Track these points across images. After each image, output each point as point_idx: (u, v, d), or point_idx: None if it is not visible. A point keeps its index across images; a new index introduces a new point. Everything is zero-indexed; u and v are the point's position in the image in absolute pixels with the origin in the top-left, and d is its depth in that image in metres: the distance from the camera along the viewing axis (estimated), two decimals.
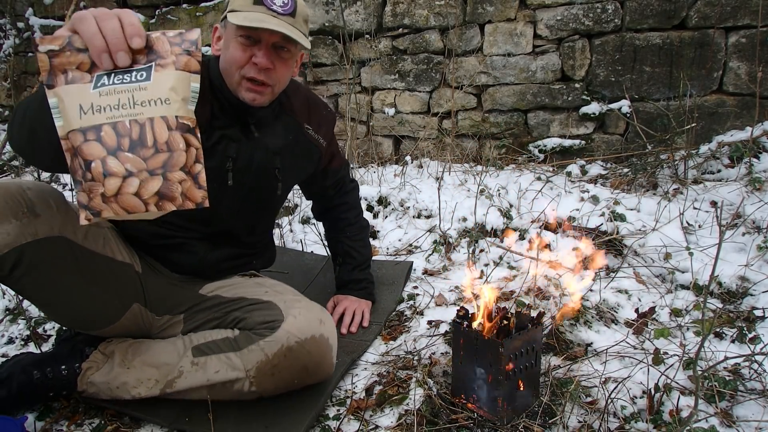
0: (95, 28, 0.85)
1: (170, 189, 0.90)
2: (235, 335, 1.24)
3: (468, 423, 1.20)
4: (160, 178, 0.90)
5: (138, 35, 0.87)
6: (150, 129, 0.88)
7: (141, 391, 1.24)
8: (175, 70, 0.90)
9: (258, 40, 1.22)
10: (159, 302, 1.36)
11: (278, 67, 1.26)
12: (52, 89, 0.87)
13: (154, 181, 0.89)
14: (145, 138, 0.88)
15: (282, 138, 1.42)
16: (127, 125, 0.87)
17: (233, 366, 1.20)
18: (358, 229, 1.78)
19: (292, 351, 1.19)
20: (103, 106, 0.87)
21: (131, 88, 0.88)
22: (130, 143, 0.87)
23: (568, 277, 1.77)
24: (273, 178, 1.42)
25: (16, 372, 1.25)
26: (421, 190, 2.56)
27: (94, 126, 0.87)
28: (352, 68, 3.33)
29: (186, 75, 0.91)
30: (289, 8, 1.23)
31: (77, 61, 0.88)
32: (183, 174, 0.91)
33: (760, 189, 2.10)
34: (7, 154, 3.38)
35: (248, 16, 1.19)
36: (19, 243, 1.05)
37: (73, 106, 0.87)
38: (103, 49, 0.85)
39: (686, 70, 2.73)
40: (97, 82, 0.88)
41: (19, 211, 1.05)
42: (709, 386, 1.22)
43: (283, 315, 1.22)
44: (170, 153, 0.90)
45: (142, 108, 0.88)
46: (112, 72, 0.88)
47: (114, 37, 0.85)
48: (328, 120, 1.59)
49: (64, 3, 3.91)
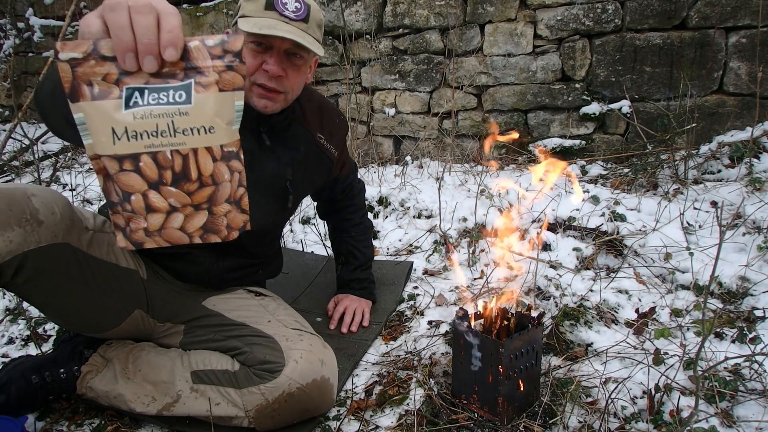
0: (126, 21, 0.72)
1: (215, 223, 0.86)
2: (235, 369, 1.20)
3: (468, 423, 1.20)
4: (206, 212, 0.84)
5: (173, 46, 0.74)
6: (194, 161, 0.80)
7: (136, 406, 1.23)
8: (219, 92, 0.80)
9: (269, 47, 1.19)
10: (162, 309, 1.35)
11: (290, 74, 1.23)
12: (77, 103, 0.75)
13: (199, 216, 0.84)
14: (188, 171, 0.80)
15: (294, 149, 1.39)
16: (168, 156, 0.78)
17: (233, 402, 1.17)
18: (362, 230, 1.77)
19: (293, 397, 1.16)
20: (140, 132, 0.77)
21: (170, 112, 0.77)
22: (173, 177, 0.80)
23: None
24: (284, 191, 1.38)
25: (15, 377, 1.24)
26: (422, 190, 2.56)
27: (131, 155, 0.77)
28: (353, 68, 3.33)
29: (230, 95, 0.81)
30: (302, 14, 1.19)
31: (103, 71, 0.76)
32: (228, 205, 0.86)
33: (760, 189, 2.10)
34: (7, 154, 3.38)
35: (259, 23, 1.15)
36: (23, 250, 1.03)
37: (104, 128, 0.76)
38: (130, 48, 0.73)
39: (686, 70, 2.73)
40: (128, 101, 0.76)
41: (22, 218, 1.04)
42: (709, 386, 1.22)
43: (284, 358, 1.17)
44: (215, 186, 0.83)
45: (184, 137, 0.78)
46: (144, 87, 0.77)
47: (145, 37, 0.73)
48: (340, 129, 1.56)
49: (64, 3, 3.92)
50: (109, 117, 0.76)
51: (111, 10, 0.73)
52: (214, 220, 0.85)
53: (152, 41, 0.73)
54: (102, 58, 0.75)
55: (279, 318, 1.32)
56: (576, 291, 1.73)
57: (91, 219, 1.24)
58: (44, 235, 1.07)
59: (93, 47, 0.75)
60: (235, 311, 1.34)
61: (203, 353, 1.26)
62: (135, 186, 0.79)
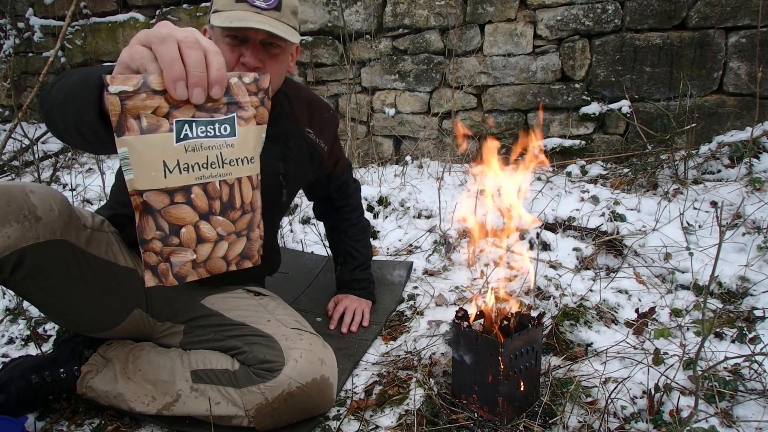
0: (177, 53, 0.75)
1: (251, 248, 0.90)
2: (235, 369, 1.20)
3: (468, 423, 1.20)
4: (245, 239, 0.89)
5: (220, 84, 0.78)
6: (238, 190, 0.85)
7: (136, 406, 1.22)
8: (257, 125, 0.86)
9: (245, 39, 1.18)
10: (161, 308, 1.35)
11: (269, 64, 1.22)
12: (122, 137, 0.75)
13: (240, 243, 0.88)
14: (234, 200, 0.85)
15: (283, 143, 1.40)
16: (217, 186, 0.82)
17: (233, 402, 1.17)
18: (359, 230, 1.78)
19: (293, 396, 1.16)
20: (191, 164, 0.79)
21: (218, 144, 0.81)
22: (221, 206, 0.83)
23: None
24: (277, 184, 1.39)
25: (14, 377, 1.24)
26: (422, 190, 2.56)
27: (183, 187, 0.79)
28: (353, 68, 3.33)
29: (262, 128, 0.88)
30: (273, 2, 1.17)
31: (153, 105, 0.76)
32: (259, 231, 0.92)
33: (760, 189, 2.10)
34: (7, 154, 3.38)
35: (230, 16, 1.15)
36: (21, 246, 1.04)
37: (155, 162, 0.76)
38: (181, 78, 0.75)
39: (686, 70, 2.73)
40: (179, 133, 0.78)
41: (21, 214, 1.04)
42: (709, 386, 1.22)
43: (284, 357, 1.17)
44: (253, 212, 0.89)
45: (230, 168, 0.83)
46: (192, 120, 0.79)
47: (197, 70, 0.76)
48: (330, 123, 1.56)
49: (64, 3, 3.92)
50: (160, 150, 0.77)
51: (161, 42, 0.75)
52: (250, 245, 0.90)
53: (203, 74, 0.76)
54: (153, 91, 0.75)
55: (278, 317, 1.32)
56: (576, 291, 1.73)
57: (90, 218, 1.24)
58: (42, 231, 1.07)
59: (143, 81, 0.75)
60: (235, 311, 1.34)
61: (203, 353, 1.27)
62: (186, 218, 0.81)
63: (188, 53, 0.75)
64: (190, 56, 0.75)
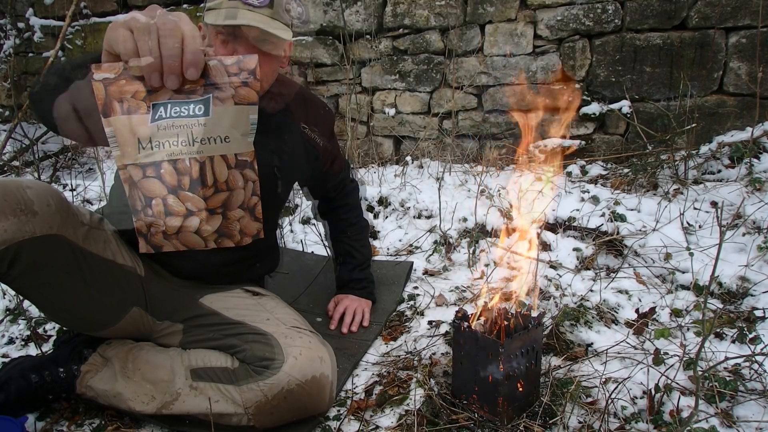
0: (155, 44, 0.82)
1: (229, 228, 0.93)
2: (234, 367, 1.20)
3: (468, 423, 1.20)
4: (220, 217, 0.91)
5: (195, 66, 0.84)
6: (210, 168, 0.88)
7: (135, 405, 1.22)
8: (234, 105, 0.88)
9: (238, 36, 1.19)
10: (160, 307, 1.35)
11: (261, 61, 1.22)
12: (108, 118, 0.85)
13: (214, 220, 0.91)
14: (205, 177, 0.88)
15: (278, 138, 1.40)
16: (187, 164, 0.87)
17: (232, 399, 1.17)
18: (358, 229, 1.78)
19: (292, 393, 1.16)
20: (162, 141, 0.86)
21: (190, 123, 0.86)
22: (191, 182, 0.87)
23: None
24: (272, 176, 1.39)
25: (14, 376, 1.24)
26: (422, 190, 2.56)
27: (154, 162, 0.86)
28: (353, 68, 3.33)
29: (245, 108, 0.90)
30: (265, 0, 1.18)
31: (133, 89, 0.85)
32: (241, 211, 0.93)
33: (760, 189, 2.10)
34: (7, 154, 3.38)
35: (223, 13, 1.16)
36: (17, 240, 1.04)
37: (131, 139, 0.86)
38: (156, 69, 0.83)
39: (686, 70, 2.73)
40: (154, 114, 0.85)
41: (17, 208, 1.04)
42: (709, 386, 1.22)
43: (283, 355, 1.17)
44: (230, 192, 0.91)
45: (201, 146, 0.87)
46: (168, 102, 0.86)
47: (170, 58, 0.83)
48: (325, 119, 1.57)
49: (64, 3, 3.92)
50: (136, 129, 0.85)
51: (141, 32, 0.82)
52: (227, 224, 0.92)
53: (177, 63, 0.83)
54: (132, 78, 0.85)
55: (277, 316, 1.32)
56: (576, 291, 1.73)
57: (87, 215, 1.24)
58: (39, 226, 1.07)
59: (123, 68, 0.84)
60: (233, 310, 1.34)
61: (202, 351, 1.26)
62: (155, 191, 0.87)
63: (164, 42, 0.82)
64: (165, 45, 0.82)
